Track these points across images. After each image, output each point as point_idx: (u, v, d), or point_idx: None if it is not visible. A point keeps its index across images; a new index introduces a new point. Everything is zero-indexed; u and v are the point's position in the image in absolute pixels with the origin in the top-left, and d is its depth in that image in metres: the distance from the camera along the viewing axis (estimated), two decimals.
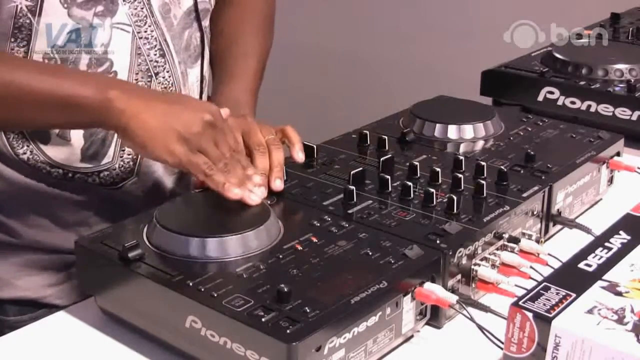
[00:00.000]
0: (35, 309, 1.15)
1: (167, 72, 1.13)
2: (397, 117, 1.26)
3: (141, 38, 1.09)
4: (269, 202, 0.97)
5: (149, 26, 1.09)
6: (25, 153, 1.09)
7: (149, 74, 1.11)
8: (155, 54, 1.11)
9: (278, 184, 1.02)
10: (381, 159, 1.08)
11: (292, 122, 1.14)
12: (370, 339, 0.80)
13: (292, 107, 1.09)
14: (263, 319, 0.75)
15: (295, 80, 2.65)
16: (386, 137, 1.16)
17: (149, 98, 0.97)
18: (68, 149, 1.09)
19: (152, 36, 1.10)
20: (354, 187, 1.00)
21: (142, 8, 1.08)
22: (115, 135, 1.08)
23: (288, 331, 0.73)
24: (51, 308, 1.13)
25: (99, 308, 0.91)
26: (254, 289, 0.80)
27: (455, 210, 0.96)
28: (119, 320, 0.89)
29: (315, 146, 1.13)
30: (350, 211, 0.97)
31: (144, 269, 0.84)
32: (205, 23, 1.20)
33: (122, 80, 1.06)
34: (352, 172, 1.04)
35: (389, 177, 1.03)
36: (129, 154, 1.13)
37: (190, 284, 0.81)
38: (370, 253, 0.87)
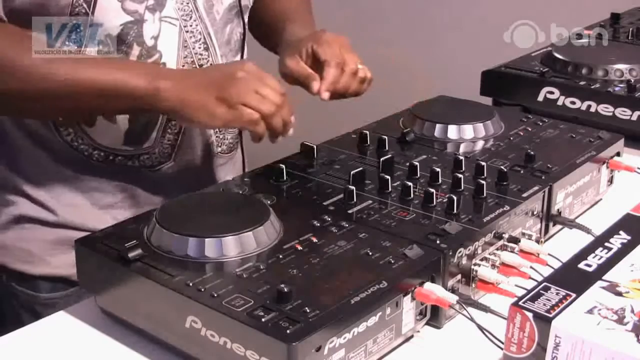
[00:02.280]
0: (68, 286, 1.17)
1: (210, 64, 1.17)
2: (397, 117, 1.26)
3: (187, 32, 1.13)
4: (268, 202, 0.97)
5: (194, 20, 1.13)
6: (69, 135, 1.13)
7: (194, 66, 1.15)
8: (200, 47, 1.15)
9: (325, 95, 1.11)
10: (381, 159, 1.08)
11: None
12: (370, 339, 0.80)
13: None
14: (263, 319, 0.75)
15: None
16: (386, 137, 1.16)
17: (188, 78, 1.04)
18: (113, 132, 1.13)
19: (197, 30, 1.14)
20: (354, 187, 1.00)
21: (187, 3, 1.12)
22: (159, 120, 1.15)
23: (288, 331, 0.73)
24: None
25: (99, 308, 0.91)
26: (254, 289, 0.80)
27: (455, 210, 0.96)
28: (119, 320, 0.89)
29: (315, 146, 1.13)
30: (350, 211, 0.97)
31: (144, 269, 0.84)
32: (246, 19, 1.24)
33: (167, 68, 1.11)
34: (352, 172, 1.04)
35: (389, 177, 1.03)
36: (168, 140, 1.17)
37: (191, 284, 0.81)
38: (370, 253, 0.87)
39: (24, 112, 1.09)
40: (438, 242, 0.90)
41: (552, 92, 1.44)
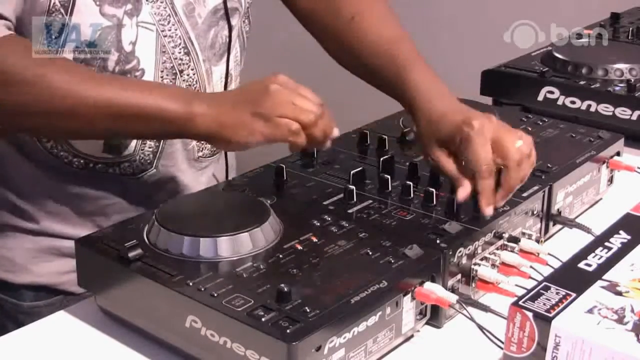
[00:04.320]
0: (51, 295, 1.16)
1: (192, 69, 1.14)
2: (397, 117, 1.26)
3: (165, 36, 1.10)
4: (268, 201, 0.97)
5: (173, 25, 1.10)
6: (49, 141, 1.11)
7: (174, 71, 1.12)
8: (179, 52, 1.12)
9: (489, 212, 0.96)
10: (381, 159, 1.08)
11: None
12: (370, 339, 0.80)
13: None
14: (263, 319, 0.75)
15: (296, 79, 2.64)
16: (386, 137, 1.16)
17: (222, 99, 1.00)
18: (92, 139, 1.11)
19: (176, 35, 1.11)
20: (354, 187, 1.00)
21: (164, 7, 1.09)
22: None
23: (288, 331, 0.73)
24: (67, 295, 1.14)
25: (99, 308, 0.91)
26: (254, 288, 0.80)
27: (455, 210, 0.96)
28: (119, 320, 0.89)
29: None
30: (350, 211, 0.97)
31: (144, 269, 0.84)
32: (234, 22, 1.20)
33: (201, 92, 1.06)
34: (352, 172, 1.04)
35: (389, 176, 1.03)
36: (149, 147, 1.14)
37: (190, 284, 0.81)
38: (370, 253, 0.87)
39: (43, 131, 1.06)
40: (438, 241, 0.89)
41: (552, 92, 1.44)
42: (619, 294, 0.77)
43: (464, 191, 0.97)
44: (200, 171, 1.23)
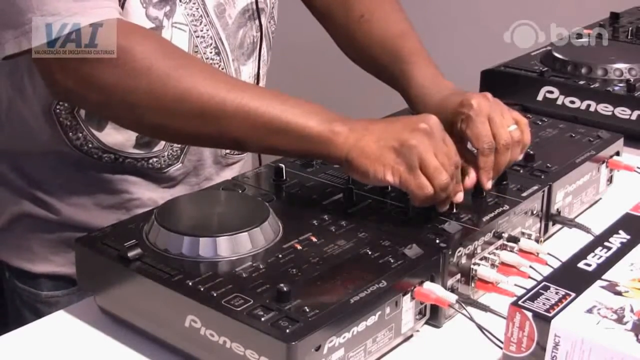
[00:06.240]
0: (69, 285, 1.17)
1: (222, 69, 1.15)
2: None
3: (198, 37, 1.11)
4: (268, 201, 0.97)
5: (205, 25, 1.11)
6: (78, 139, 1.11)
7: None
8: (211, 52, 1.13)
9: (488, 185, 1.00)
10: None
11: None
12: (370, 339, 0.80)
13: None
14: (262, 319, 0.75)
15: (295, 79, 2.65)
16: None
17: (366, 126, 0.95)
18: (123, 135, 1.11)
19: (208, 35, 1.12)
20: (353, 187, 1.00)
21: (197, 8, 1.10)
22: None
23: (287, 331, 0.73)
24: None
25: (99, 308, 0.91)
26: (253, 288, 0.80)
27: (454, 210, 0.96)
28: (119, 320, 0.89)
29: None
30: (349, 211, 0.97)
31: (143, 269, 0.84)
32: (264, 22, 1.21)
33: (342, 115, 0.99)
34: None
35: None
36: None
37: (190, 284, 0.81)
38: (369, 252, 0.87)
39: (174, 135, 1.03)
40: (437, 241, 0.90)
41: (551, 92, 1.44)
42: (619, 293, 0.77)
43: (469, 180, 0.99)
44: (226, 168, 1.24)
